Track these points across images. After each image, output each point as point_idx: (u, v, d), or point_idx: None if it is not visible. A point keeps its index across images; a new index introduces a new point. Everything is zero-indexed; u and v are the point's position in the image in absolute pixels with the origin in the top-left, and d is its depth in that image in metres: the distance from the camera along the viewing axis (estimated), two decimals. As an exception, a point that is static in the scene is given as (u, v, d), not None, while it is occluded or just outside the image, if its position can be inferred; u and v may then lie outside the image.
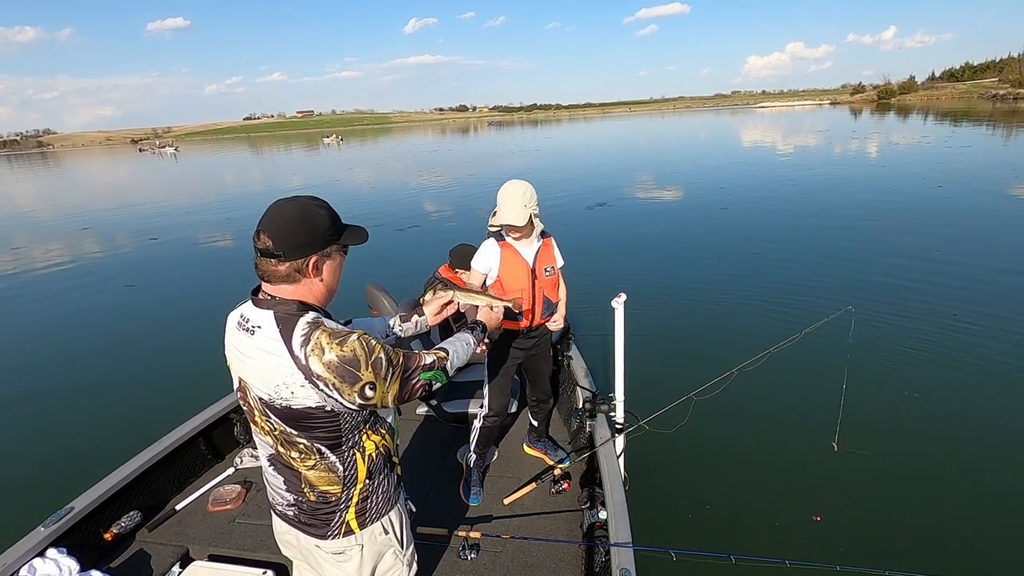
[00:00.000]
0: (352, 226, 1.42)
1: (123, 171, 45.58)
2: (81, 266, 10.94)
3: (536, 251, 2.63)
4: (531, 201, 2.46)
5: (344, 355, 1.27)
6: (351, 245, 1.42)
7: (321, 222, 1.32)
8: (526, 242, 2.62)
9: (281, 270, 1.31)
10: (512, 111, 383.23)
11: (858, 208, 11.67)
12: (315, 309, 1.35)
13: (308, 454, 1.39)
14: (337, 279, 1.42)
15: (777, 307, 6.38)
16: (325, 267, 1.36)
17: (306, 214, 1.31)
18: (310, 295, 1.36)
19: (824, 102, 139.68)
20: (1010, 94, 76.08)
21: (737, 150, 27.45)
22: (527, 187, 2.46)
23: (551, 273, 2.67)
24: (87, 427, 4.78)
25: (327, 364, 1.26)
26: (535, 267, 2.61)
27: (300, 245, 1.29)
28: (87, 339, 6.86)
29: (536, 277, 2.61)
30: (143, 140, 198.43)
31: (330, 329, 1.30)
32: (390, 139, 80.00)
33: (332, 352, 1.26)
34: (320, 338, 1.27)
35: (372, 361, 1.30)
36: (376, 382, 1.32)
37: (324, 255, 1.34)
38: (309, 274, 1.33)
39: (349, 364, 1.27)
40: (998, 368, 4.75)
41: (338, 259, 1.40)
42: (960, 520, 3.18)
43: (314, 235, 1.31)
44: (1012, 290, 6.48)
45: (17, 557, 2.14)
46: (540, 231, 2.68)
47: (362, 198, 17.85)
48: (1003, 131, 29.30)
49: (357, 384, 1.29)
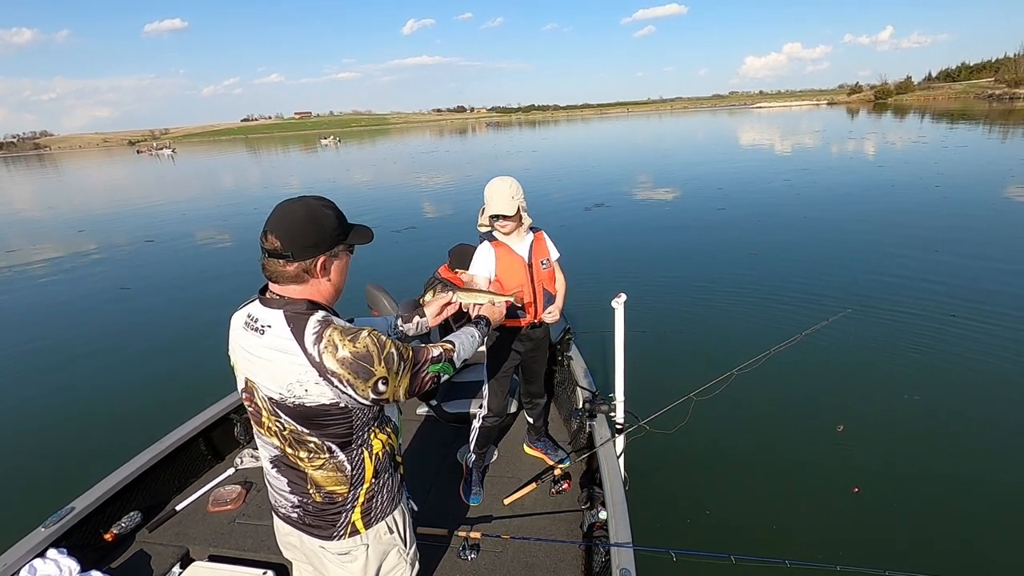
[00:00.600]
0: (358, 225, 1.43)
1: (120, 173, 45.48)
2: (78, 267, 10.91)
3: (529, 245, 2.64)
4: (518, 193, 2.50)
5: (357, 351, 1.29)
6: (358, 245, 1.42)
7: (328, 222, 1.33)
8: (517, 237, 2.62)
9: (289, 271, 1.31)
10: (510, 112, 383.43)
11: (856, 209, 11.70)
12: (323, 308, 1.36)
13: (317, 453, 1.39)
14: (344, 278, 1.43)
15: (777, 308, 6.39)
16: (333, 267, 1.37)
17: (313, 215, 1.32)
18: (318, 295, 1.37)
19: (821, 102, 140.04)
20: (1006, 94, 76.37)
21: (735, 150, 27.49)
22: (512, 180, 2.50)
23: (547, 266, 2.68)
24: (87, 428, 4.78)
25: (341, 360, 1.27)
26: (531, 261, 2.61)
27: (308, 246, 1.30)
28: (87, 340, 6.84)
29: (533, 270, 2.62)
30: (140, 142, 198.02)
31: (341, 327, 1.31)
32: (388, 140, 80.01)
33: (345, 349, 1.28)
34: (332, 335, 1.28)
35: (384, 356, 1.32)
36: (388, 377, 1.34)
37: (332, 255, 1.35)
38: (317, 274, 1.34)
39: (362, 360, 1.29)
40: (998, 368, 4.76)
41: (345, 259, 1.41)
42: (960, 520, 3.19)
43: (322, 235, 1.32)
44: (1011, 289, 6.51)
45: (18, 557, 2.13)
46: (530, 225, 2.69)
47: (360, 199, 17.82)
48: (999, 131, 29.40)
49: (371, 379, 1.31)
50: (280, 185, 25.28)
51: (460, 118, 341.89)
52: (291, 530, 1.53)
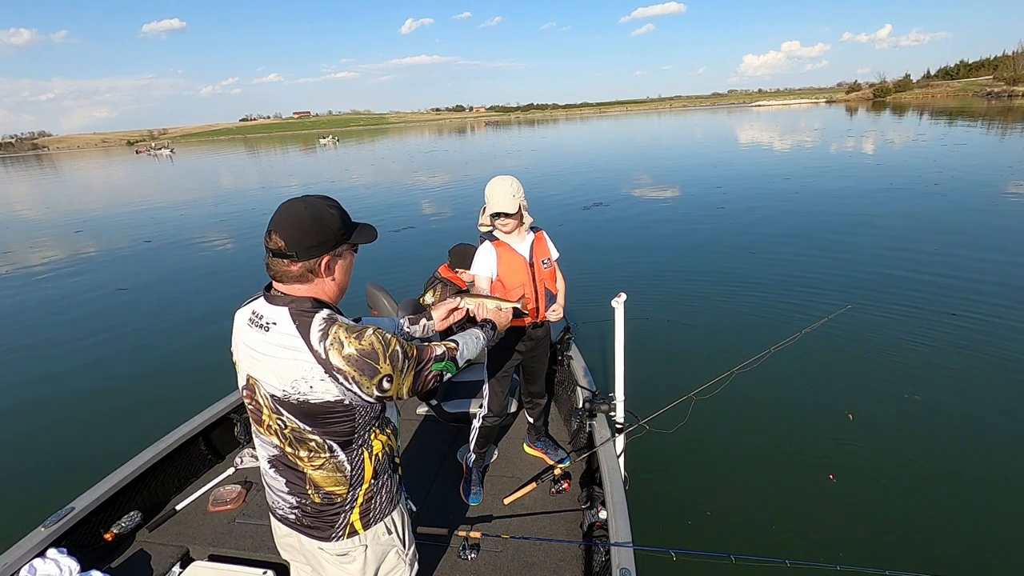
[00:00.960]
0: (362, 224, 1.43)
1: (118, 173, 45.38)
2: (75, 268, 10.89)
3: (531, 244, 2.65)
4: (519, 192, 2.51)
5: (363, 348, 1.29)
6: (362, 243, 1.43)
7: (332, 222, 1.33)
8: (518, 237, 2.63)
9: (294, 270, 1.32)
10: (509, 111, 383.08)
11: (855, 206, 11.69)
12: (328, 306, 1.36)
13: (318, 452, 1.39)
14: (348, 277, 1.44)
15: (777, 306, 6.40)
16: (337, 266, 1.38)
17: (317, 214, 1.32)
18: (322, 293, 1.38)
19: (820, 100, 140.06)
20: (1005, 92, 76.40)
21: (734, 149, 27.48)
22: (513, 179, 2.51)
23: (548, 265, 2.69)
24: (87, 428, 4.77)
25: (347, 357, 1.28)
26: (532, 260, 2.62)
27: (312, 246, 1.30)
28: (86, 340, 6.83)
29: (535, 270, 2.62)
30: (139, 142, 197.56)
31: (346, 324, 1.32)
32: (387, 139, 79.92)
33: (351, 346, 1.28)
34: (338, 333, 1.29)
35: (389, 354, 1.33)
36: (393, 374, 1.35)
37: (336, 255, 1.36)
38: (321, 274, 1.35)
39: (368, 357, 1.30)
40: (999, 366, 4.75)
41: (349, 258, 1.42)
42: (961, 520, 3.18)
43: (326, 235, 1.32)
44: (1011, 288, 6.50)
45: (18, 557, 2.14)
46: (531, 224, 2.70)
47: (359, 199, 17.81)
48: (998, 129, 29.40)
49: (376, 377, 1.32)
50: (279, 185, 25.23)
51: (459, 117, 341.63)
52: (289, 531, 1.53)
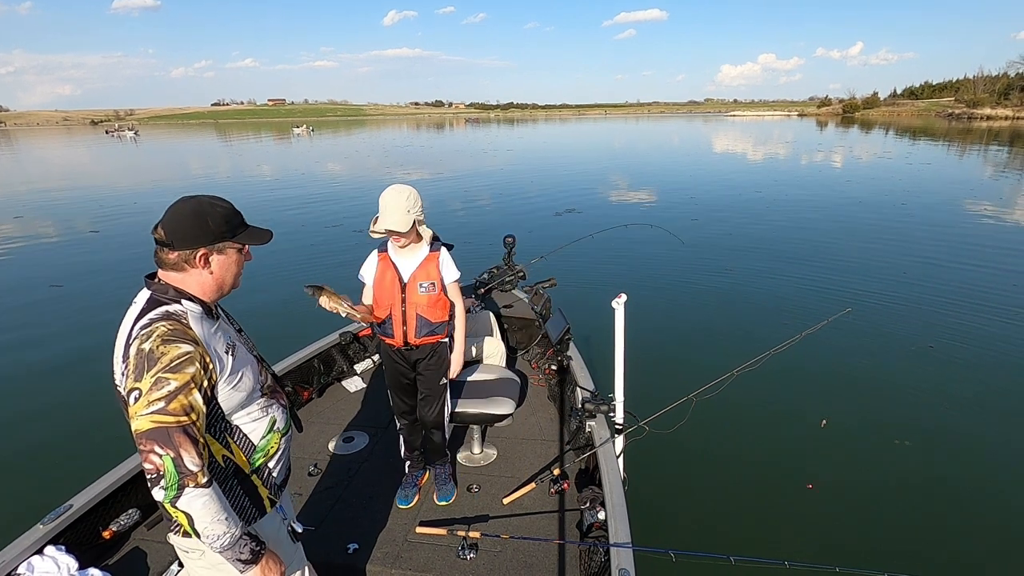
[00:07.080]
0: (254, 227, 1.48)
1: (76, 154, 43.27)
2: (74, 255, 10.36)
3: (417, 263, 2.49)
4: (415, 206, 2.35)
5: (152, 351, 1.25)
6: (249, 245, 1.47)
7: (213, 220, 1.39)
8: (410, 251, 2.49)
9: (170, 258, 1.37)
10: (488, 109, 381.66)
11: (854, 214, 12.05)
12: (196, 300, 1.39)
13: None
14: (231, 275, 1.46)
15: (777, 308, 6.48)
16: (215, 261, 1.41)
17: (199, 210, 1.38)
18: (197, 286, 1.40)
19: (792, 113, 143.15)
20: (964, 113, 79.45)
21: (711, 158, 27.94)
22: (411, 191, 2.36)
23: (428, 290, 2.48)
24: (86, 425, 4.59)
25: (138, 351, 1.26)
26: (407, 281, 2.48)
27: (187, 238, 1.36)
28: (85, 339, 6.47)
29: (406, 292, 2.47)
30: (105, 121, 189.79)
31: (176, 327, 1.30)
32: (363, 132, 78.60)
33: (150, 343, 1.26)
34: (158, 327, 1.28)
35: (159, 377, 1.23)
36: (143, 397, 1.23)
37: (215, 249, 1.40)
38: (197, 265, 1.39)
39: (146, 360, 1.25)
40: (999, 368, 4.88)
41: (233, 256, 1.45)
42: (959, 522, 3.26)
43: (204, 230, 1.37)
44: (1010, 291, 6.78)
45: (15, 555, 2.08)
46: (431, 238, 2.53)
47: (327, 194, 17.16)
48: (958, 149, 30.58)
49: (136, 384, 1.25)
50: (249, 174, 24.46)
51: (438, 112, 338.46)
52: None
